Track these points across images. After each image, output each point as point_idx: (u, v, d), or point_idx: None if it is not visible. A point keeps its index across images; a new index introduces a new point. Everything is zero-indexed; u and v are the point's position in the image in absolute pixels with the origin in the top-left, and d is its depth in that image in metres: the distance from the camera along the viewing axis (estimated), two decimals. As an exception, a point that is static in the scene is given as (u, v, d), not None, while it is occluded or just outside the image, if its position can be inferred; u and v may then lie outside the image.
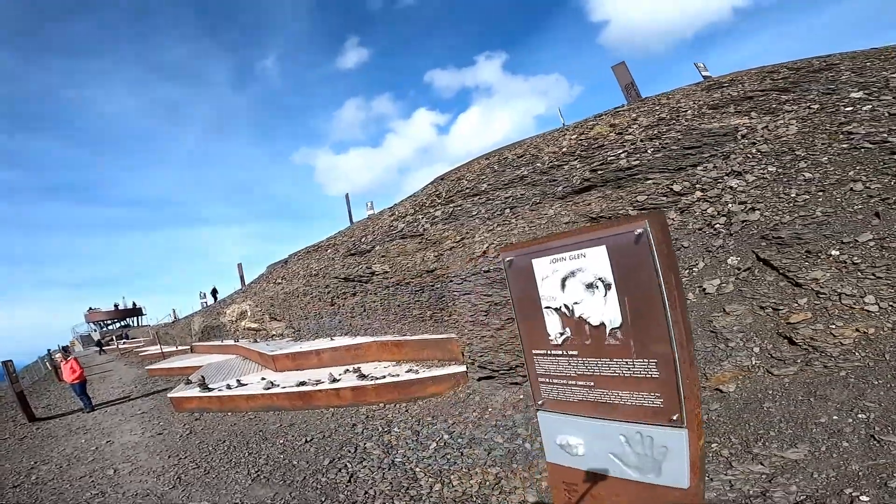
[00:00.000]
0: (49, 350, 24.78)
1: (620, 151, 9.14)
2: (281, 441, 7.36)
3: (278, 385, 9.30)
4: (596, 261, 2.15)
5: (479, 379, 7.71)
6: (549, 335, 2.43)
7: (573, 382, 2.42)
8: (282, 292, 14.78)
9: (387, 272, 10.63)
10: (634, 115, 10.66)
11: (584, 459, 2.51)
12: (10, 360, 12.89)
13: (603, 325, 2.20)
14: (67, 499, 6.13)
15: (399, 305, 10.29)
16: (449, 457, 6.09)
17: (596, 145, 9.96)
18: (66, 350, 20.94)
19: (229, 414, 9.17)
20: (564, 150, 10.32)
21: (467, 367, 8.17)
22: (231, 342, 16.10)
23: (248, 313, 16.67)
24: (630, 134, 9.73)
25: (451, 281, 8.63)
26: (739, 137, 8.21)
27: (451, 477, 5.64)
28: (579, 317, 2.28)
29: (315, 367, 10.47)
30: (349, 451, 6.65)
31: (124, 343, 32.71)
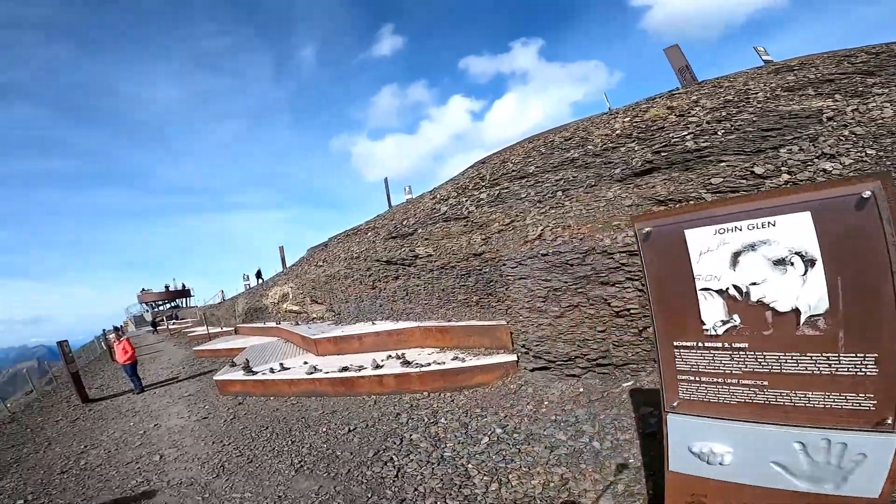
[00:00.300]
0: (104, 330, 25.75)
1: (685, 133, 8.57)
2: (324, 429, 7.17)
3: (321, 370, 9.15)
4: (792, 230, 1.66)
5: (533, 370, 7.29)
6: (705, 323, 1.96)
7: (735, 381, 1.95)
8: (323, 275, 14.71)
9: (430, 255, 10.29)
10: (695, 98, 10.05)
11: (728, 469, 2.08)
12: (66, 341, 13.05)
13: (796, 311, 1.71)
14: (113, 486, 6.06)
15: (443, 290, 9.95)
16: (504, 453, 5.70)
17: (654, 127, 9.39)
18: (118, 330, 21.64)
19: (272, 398, 9.09)
20: (618, 132, 9.80)
21: (518, 357, 7.77)
22: (273, 324, 16.22)
23: (290, 296, 16.73)
24: (693, 116, 9.13)
25: (503, 265, 8.21)
26: (825, 119, 7.55)
27: (510, 476, 5.24)
28: (758, 301, 1.79)
29: (357, 351, 10.30)
30: (394, 443, 6.37)
31: (174, 323, 33.72)
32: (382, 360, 8.93)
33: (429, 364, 8.27)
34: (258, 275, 30.27)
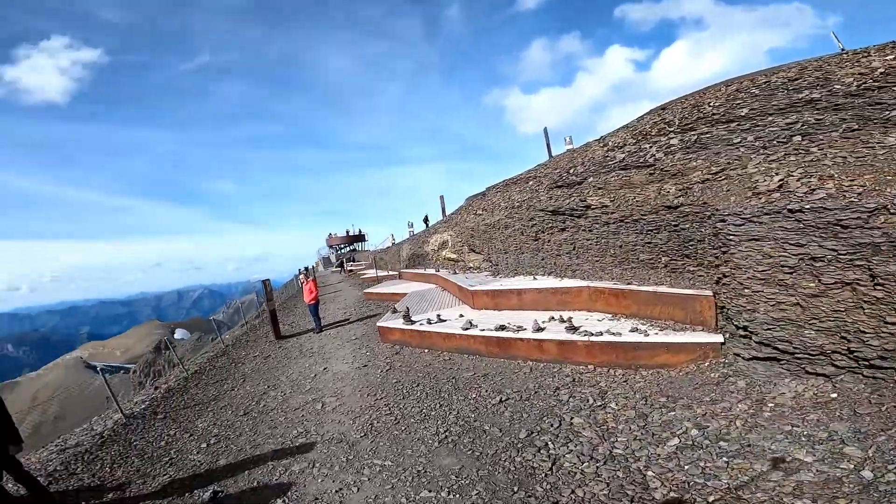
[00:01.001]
0: (299, 269, 30.10)
1: None
2: (473, 395, 6.49)
3: (476, 326, 8.47)
4: None
5: (751, 358, 5.29)
6: None
7: None
8: (482, 224, 14.06)
9: (606, 206, 8.62)
10: None
11: None
12: (268, 280, 14.52)
13: None
14: (277, 435, 6.25)
15: (620, 246, 8.23)
16: (703, 464, 4.16)
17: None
18: (307, 270, 24.63)
19: (426, 351, 8.83)
20: (881, 70, 6.89)
21: (725, 339, 5.81)
22: (432, 271, 16.39)
23: (449, 243, 16.62)
24: None
25: (720, 221, 6.22)
26: None
27: (709, 498, 3.75)
28: None
29: (515, 308, 9.40)
30: (551, 425, 5.32)
31: (351, 265, 38.05)
32: (543, 322, 7.80)
33: (600, 333, 6.86)
34: (425, 220, 31.22)
